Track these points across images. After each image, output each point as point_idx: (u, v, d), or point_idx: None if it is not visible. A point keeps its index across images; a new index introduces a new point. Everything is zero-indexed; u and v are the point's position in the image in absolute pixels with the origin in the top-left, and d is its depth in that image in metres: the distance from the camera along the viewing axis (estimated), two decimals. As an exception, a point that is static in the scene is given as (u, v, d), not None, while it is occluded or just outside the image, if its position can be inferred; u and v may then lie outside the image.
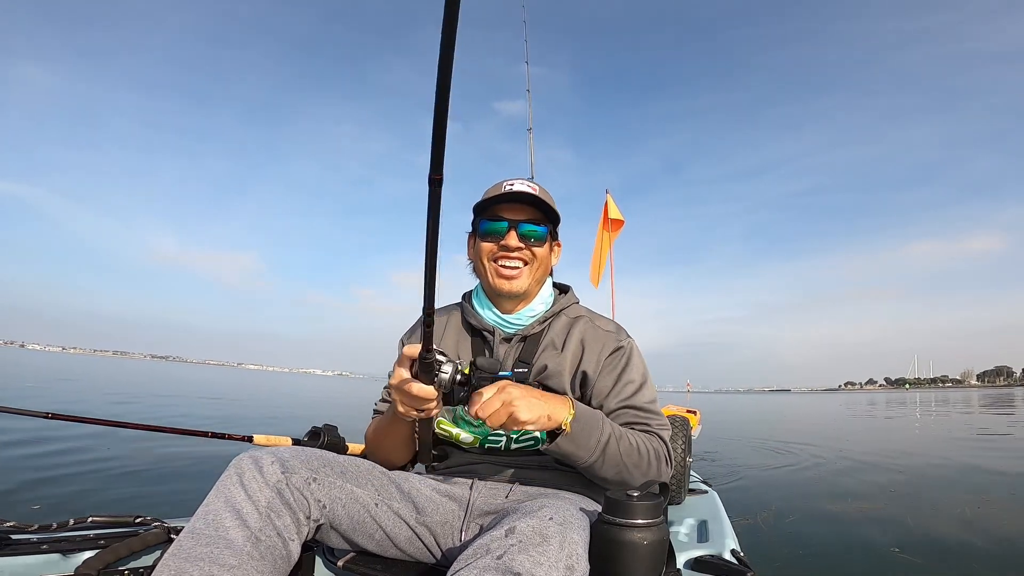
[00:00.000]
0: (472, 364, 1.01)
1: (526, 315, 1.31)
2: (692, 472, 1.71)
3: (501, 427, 0.99)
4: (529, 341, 1.30)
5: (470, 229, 1.37)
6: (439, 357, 0.96)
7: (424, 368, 0.95)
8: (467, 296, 1.40)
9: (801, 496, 4.17)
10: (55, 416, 1.72)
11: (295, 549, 0.97)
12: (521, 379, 1.20)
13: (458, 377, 0.98)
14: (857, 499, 3.94)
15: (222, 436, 1.81)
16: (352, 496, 1.08)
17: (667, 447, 1.21)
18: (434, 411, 1.05)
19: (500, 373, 1.16)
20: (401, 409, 1.03)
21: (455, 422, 1.28)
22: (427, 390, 0.97)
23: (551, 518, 0.86)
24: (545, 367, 1.25)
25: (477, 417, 0.98)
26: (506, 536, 0.82)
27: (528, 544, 0.80)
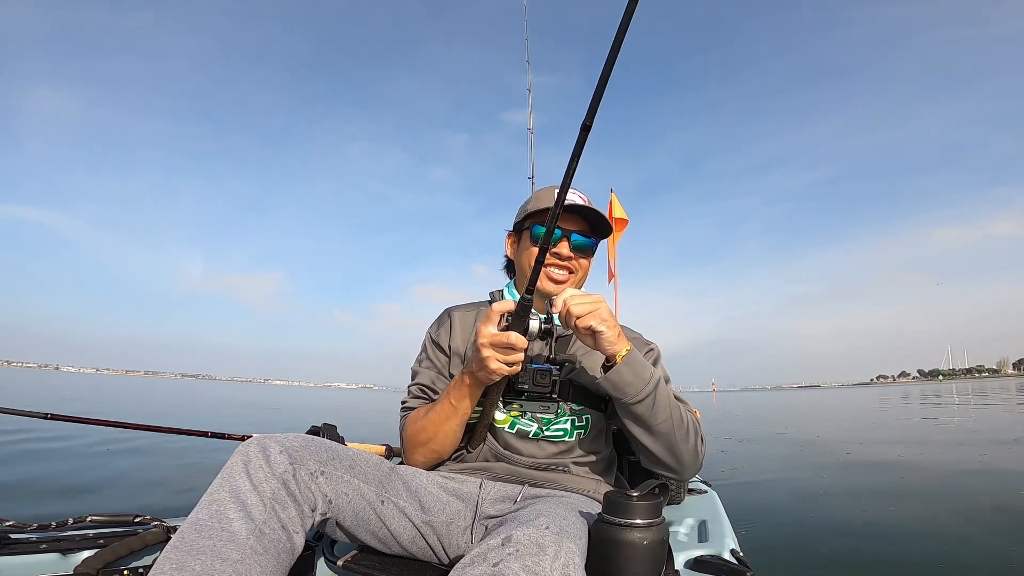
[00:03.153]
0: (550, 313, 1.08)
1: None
2: None
3: (580, 326, 1.08)
4: (560, 340, 1.32)
5: (510, 227, 1.42)
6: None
7: (520, 313, 1.03)
8: (498, 293, 1.43)
9: (803, 495, 4.06)
10: (54, 417, 1.73)
11: (299, 542, 0.94)
12: (552, 372, 1.23)
13: (543, 327, 1.05)
14: (861, 499, 3.85)
15: (221, 436, 1.82)
16: (358, 492, 1.05)
17: (701, 428, 1.25)
18: (517, 366, 1.10)
19: (535, 365, 1.24)
20: (492, 366, 1.06)
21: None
22: (522, 339, 1.03)
23: (547, 527, 0.85)
24: (580, 366, 1.28)
25: (565, 311, 1.08)
26: (502, 545, 0.81)
27: (524, 553, 0.79)
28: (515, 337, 1.04)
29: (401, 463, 1.31)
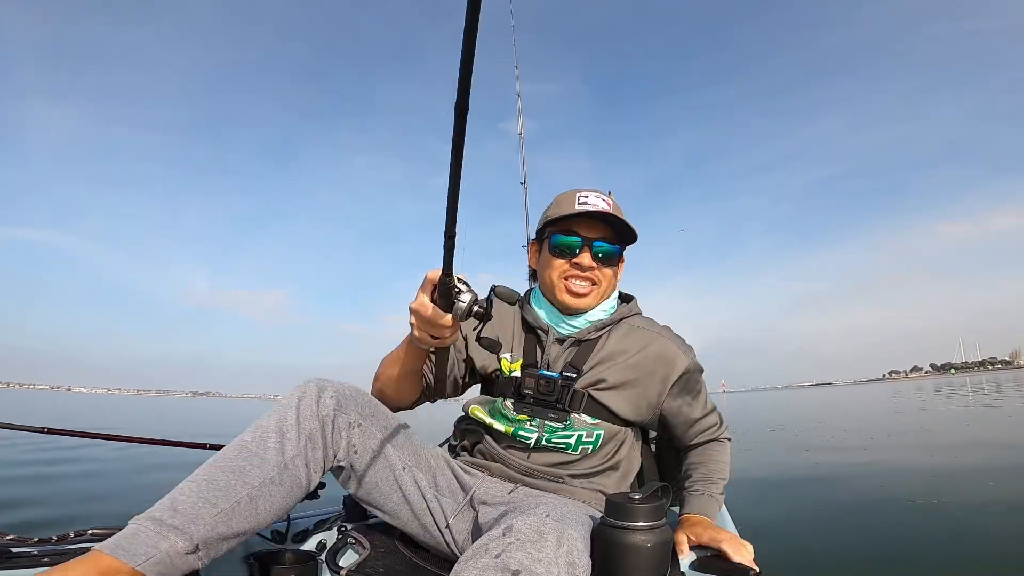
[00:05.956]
0: (492, 291, 0.99)
1: (584, 319, 1.27)
2: None
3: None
4: (584, 346, 1.25)
5: (533, 236, 1.37)
6: (460, 285, 0.92)
7: (443, 293, 0.92)
8: (527, 294, 1.39)
9: (808, 496, 4.06)
10: (51, 431, 1.72)
11: (315, 480, 1.04)
12: (567, 384, 1.21)
13: (475, 308, 0.94)
14: (862, 499, 3.80)
15: (220, 448, 1.77)
16: (384, 453, 1.11)
17: (730, 447, 1.35)
18: (449, 340, 1.01)
19: (542, 372, 1.23)
20: (416, 334, 1.02)
21: (491, 414, 1.28)
22: (444, 316, 0.95)
23: (548, 515, 0.86)
24: (602, 380, 1.23)
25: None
26: (504, 535, 0.82)
27: (526, 541, 0.80)
28: (434, 313, 0.96)
29: None
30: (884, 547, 2.67)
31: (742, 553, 1.04)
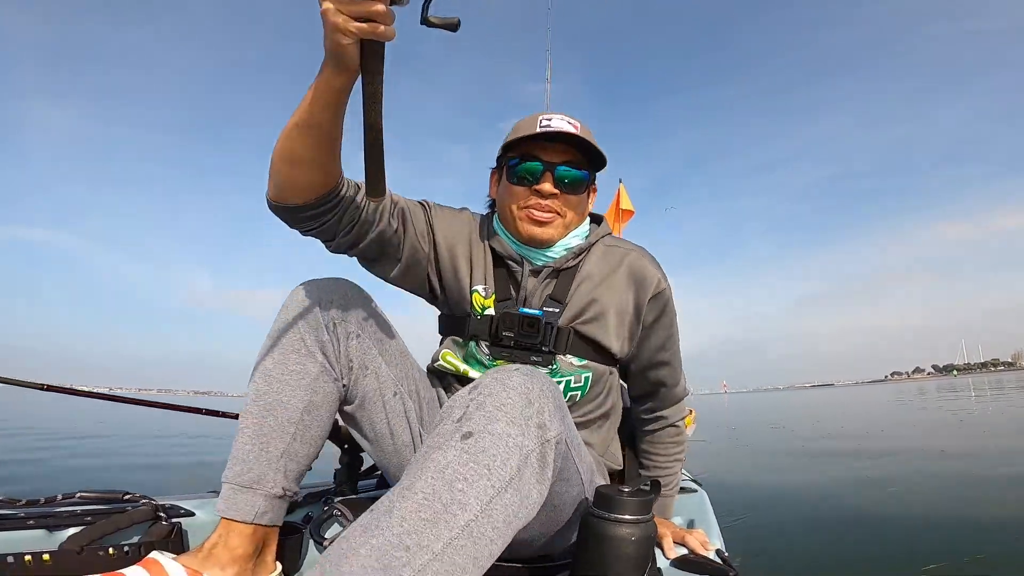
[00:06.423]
0: None
1: (560, 246, 1.13)
2: (684, 471, 1.75)
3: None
4: (563, 276, 1.13)
5: (494, 164, 1.20)
6: None
7: None
8: (490, 219, 1.20)
9: (805, 496, 4.06)
10: (51, 388, 1.71)
11: (340, 392, 1.01)
12: (551, 320, 1.09)
13: None
14: (859, 498, 3.80)
15: (215, 413, 1.79)
16: (377, 372, 1.03)
17: (683, 432, 1.33)
18: (383, 27, 0.69)
19: (522, 310, 1.09)
20: (337, 21, 0.68)
21: (465, 360, 1.15)
22: None
23: (517, 369, 0.77)
24: (585, 310, 1.11)
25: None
26: (469, 392, 0.74)
27: (487, 396, 0.71)
28: None
29: None
30: (883, 546, 2.67)
31: (692, 544, 1.10)
